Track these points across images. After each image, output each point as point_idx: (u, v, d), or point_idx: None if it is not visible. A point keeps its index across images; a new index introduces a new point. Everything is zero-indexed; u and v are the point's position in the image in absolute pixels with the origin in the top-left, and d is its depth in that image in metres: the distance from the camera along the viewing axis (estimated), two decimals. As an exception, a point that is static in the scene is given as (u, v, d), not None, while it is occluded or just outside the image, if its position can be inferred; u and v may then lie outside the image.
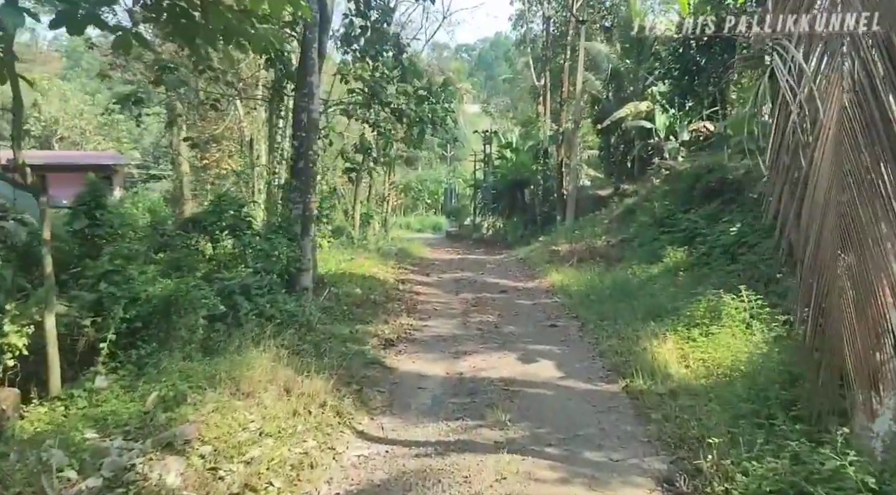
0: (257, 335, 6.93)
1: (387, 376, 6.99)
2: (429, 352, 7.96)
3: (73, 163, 31.90)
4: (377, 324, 9.25)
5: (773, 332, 6.30)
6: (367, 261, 15.59)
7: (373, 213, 25.56)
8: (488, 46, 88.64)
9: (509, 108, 52.56)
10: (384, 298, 11.20)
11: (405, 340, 8.59)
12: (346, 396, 6.06)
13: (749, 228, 11.06)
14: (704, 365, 6.18)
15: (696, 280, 10.52)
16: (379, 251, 19.19)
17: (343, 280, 11.65)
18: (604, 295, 10.81)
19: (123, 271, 6.84)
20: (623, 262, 13.85)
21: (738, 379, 5.27)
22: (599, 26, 28.59)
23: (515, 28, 40.23)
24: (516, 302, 11.69)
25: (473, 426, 5.33)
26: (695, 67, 14.96)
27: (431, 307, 11.13)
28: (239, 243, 9.55)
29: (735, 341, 6.35)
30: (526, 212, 30.10)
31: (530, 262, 18.05)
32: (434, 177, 61.76)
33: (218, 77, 12.44)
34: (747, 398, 4.62)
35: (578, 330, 9.02)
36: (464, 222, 39.63)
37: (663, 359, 6.56)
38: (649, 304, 9.18)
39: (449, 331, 9.13)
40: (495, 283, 14.11)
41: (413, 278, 14.72)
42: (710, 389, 5.36)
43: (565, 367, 7.05)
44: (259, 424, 5.05)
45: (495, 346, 8.17)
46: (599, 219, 20.20)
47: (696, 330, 7.12)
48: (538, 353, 7.74)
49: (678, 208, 14.73)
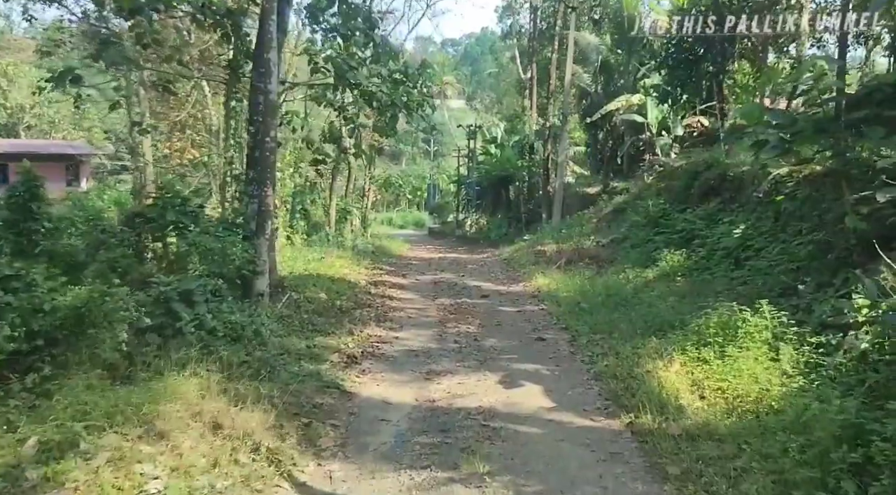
0: (184, 355, 5.75)
1: (344, 404, 5.87)
2: (397, 372, 6.85)
3: (37, 152, 30.34)
4: (341, 335, 8.11)
5: (804, 357, 5.29)
6: (339, 260, 14.43)
7: (351, 209, 24.40)
8: (474, 42, 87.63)
9: (494, 102, 51.63)
10: (352, 304, 10.06)
11: (371, 356, 7.47)
12: (290, 434, 4.94)
13: (754, 230, 10.12)
14: (723, 396, 5.15)
15: (696, 287, 9.56)
16: (354, 249, 18.03)
17: (307, 283, 10.47)
18: (596, 302, 9.78)
19: (25, 276, 5.64)
20: (615, 265, 12.85)
21: (773, 424, 4.23)
22: (588, 18, 27.63)
23: (502, 20, 39.31)
24: (499, 309, 10.62)
25: (444, 480, 4.24)
26: (692, 56, 13.97)
27: (405, 314, 10.01)
28: (183, 242, 8.38)
29: (758, 368, 5.32)
30: (510, 210, 29.13)
31: (515, 263, 17.00)
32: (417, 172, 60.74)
33: (171, 55, 11.20)
34: (799, 458, 3.57)
35: (569, 344, 7.96)
36: (447, 219, 38.69)
37: (672, 387, 5.53)
38: (648, 315, 8.17)
39: (423, 345, 8.02)
40: (477, 287, 13.03)
41: (388, 280, 13.58)
42: (739, 434, 4.32)
43: (556, 394, 5.98)
44: (164, 481, 3.91)
45: (474, 364, 7.08)
46: (588, 218, 19.23)
47: (707, 350, 6.09)
48: (523, 374, 6.67)
49: (673, 207, 13.78)
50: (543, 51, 28.22)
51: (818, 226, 8.64)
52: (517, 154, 28.73)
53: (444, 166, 56.51)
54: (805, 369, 5.04)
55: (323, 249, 15.59)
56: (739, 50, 13.90)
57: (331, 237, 19.60)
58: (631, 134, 20.78)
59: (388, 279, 13.79)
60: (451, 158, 42.77)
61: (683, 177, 14.15)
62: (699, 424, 4.69)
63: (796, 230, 9.11)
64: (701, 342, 6.34)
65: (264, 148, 8.64)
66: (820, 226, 8.59)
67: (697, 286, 9.56)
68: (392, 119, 9.02)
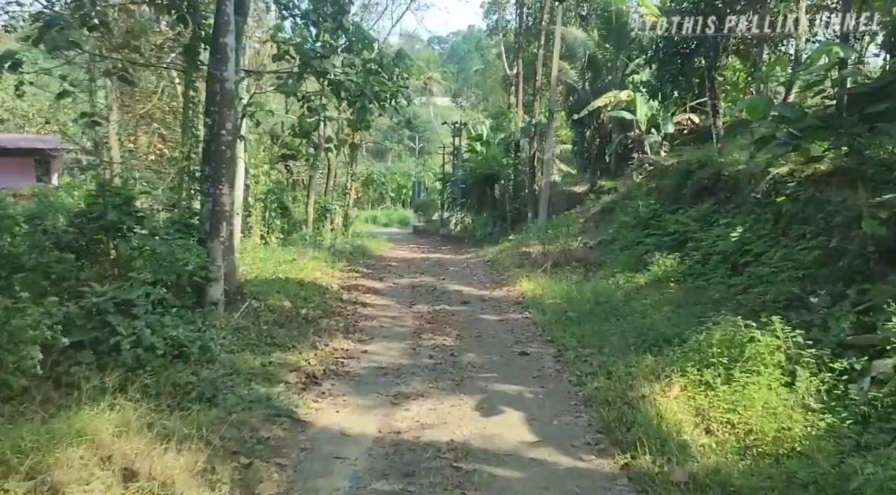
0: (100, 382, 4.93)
1: (296, 436, 5.07)
2: (362, 395, 6.06)
3: (3, 147, 29.02)
4: (302, 350, 7.29)
5: (824, 385, 4.58)
6: (313, 262, 13.59)
7: (331, 207, 23.54)
8: (461, 40, 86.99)
9: (480, 99, 50.95)
10: (320, 312, 9.23)
11: (334, 375, 6.66)
12: (223, 480, 4.13)
13: (752, 234, 9.45)
14: (734, 432, 4.43)
15: (692, 294, 8.88)
16: (331, 249, 17.19)
17: (272, 288, 9.63)
18: (584, 310, 9.05)
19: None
20: (603, 269, 12.16)
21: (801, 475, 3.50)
22: (576, 14, 26.97)
23: (488, 16, 38.53)
24: (480, 317, 9.86)
25: (401, 546, 3.47)
26: (685, 49, 13.31)
27: (378, 324, 9.21)
28: (126, 245, 7.53)
29: (772, 397, 4.60)
30: (496, 209, 28.45)
31: (499, 265, 16.26)
32: (403, 170, 59.98)
33: (126, 42, 10.29)
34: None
35: (555, 360, 7.21)
36: (432, 217, 38.05)
37: (673, 418, 4.80)
38: (641, 327, 7.45)
39: (393, 361, 7.24)
40: (457, 292, 12.26)
41: (363, 284, 12.76)
42: (759, 486, 3.59)
43: (539, 424, 5.22)
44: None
45: (449, 386, 6.31)
46: (574, 218, 18.55)
47: (710, 372, 5.36)
48: (504, 398, 5.91)
49: (665, 208, 13.12)
50: (530, 47, 27.57)
51: (824, 231, 7.97)
52: (503, 152, 28.07)
53: (429, 164, 55.85)
54: (829, 401, 4.33)
55: (297, 250, 14.75)
56: (734, 44, 13.23)
57: (308, 236, 18.75)
58: (619, 131, 20.14)
59: (363, 283, 12.97)
60: (437, 156, 41.99)
61: (675, 176, 13.49)
62: (708, 469, 3.95)
63: (799, 234, 8.44)
64: (703, 362, 5.62)
65: (220, 142, 7.79)
66: (826, 231, 7.93)
67: (693, 293, 8.88)
68: (361, 110, 8.21)
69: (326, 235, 21.19)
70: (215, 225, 7.82)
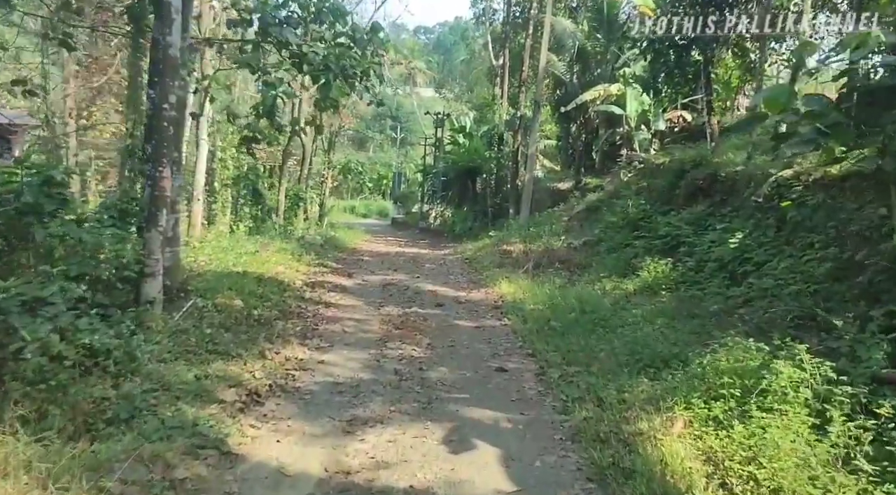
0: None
1: (221, 476, 4.12)
2: (310, 419, 5.14)
3: (-42, 120, 27.37)
4: (248, 359, 6.33)
5: (866, 433, 3.78)
6: (277, 255, 12.58)
7: (305, 196, 22.47)
8: (447, 31, 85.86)
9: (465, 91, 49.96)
10: (276, 313, 8.26)
11: (281, 391, 5.72)
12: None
13: (753, 241, 8.71)
14: (758, 491, 3.61)
15: (686, 304, 8.12)
16: (301, 240, 16.16)
17: (225, 285, 8.63)
18: (568, 319, 8.22)
19: None
20: (589, 272, 11.37)
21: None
22: (565, 4, 26.12)
23: (475, 4, 37.51)
24: (455, 323, 8.98)
25: None
26: (681, 40, 12.53)
27: (340, 327, 8.28)
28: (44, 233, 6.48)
29: (803, 447, 3.80)
30: (476, 203, 27.62)
31: (477, 264, 15.40)
32: (384, 160, 58.85)
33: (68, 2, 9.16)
34: None
35: (537, 379, 6.35)
36: (411, 209, 37.20)
37: (679, 465, 3.97)
38: (634, 343, 6.63)
39: (352, 375, 6.32)
40: (432, 292, 11.37)
41: (330, 281, 11.80)
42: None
43: (519, 466, 4.35)
44: None
45: (414, 409, 5.42)
46: (558, 216, 17.78)
47: (719, 405, 4.55)
48: (477, 428, 5.04)
49: (655, 209, 12.37)
50: (517, 37, 26.70)
51: (835, 241, 7.25)
52: (486, 145, 27.24)
53: (412, 155, 54.86)
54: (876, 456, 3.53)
55: (262, 240, 13.73)
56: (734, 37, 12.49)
57: (277, 226, 17.71)
58: (606, 127, 19.40)
59: (330, 280, 12.01)
60: (419, 147, 41.00)
61: (667, 176, 12.76)
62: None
63: (806, 243, 7.71)
64: (709, 392, 4.80)
65: (162, 117, 6.77)
66: (838, 241, 7.20)
67: (688, 304, 8.11)
68: (325, 86, 7.24)
69: (298, 225, 20.14)
70: (153, 212, 6.80)
